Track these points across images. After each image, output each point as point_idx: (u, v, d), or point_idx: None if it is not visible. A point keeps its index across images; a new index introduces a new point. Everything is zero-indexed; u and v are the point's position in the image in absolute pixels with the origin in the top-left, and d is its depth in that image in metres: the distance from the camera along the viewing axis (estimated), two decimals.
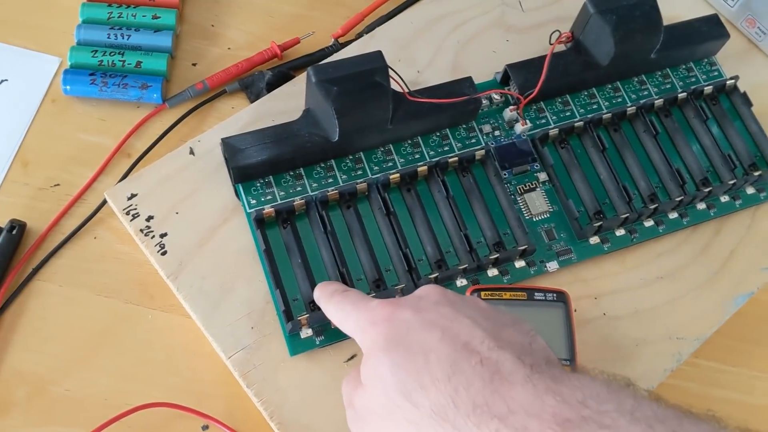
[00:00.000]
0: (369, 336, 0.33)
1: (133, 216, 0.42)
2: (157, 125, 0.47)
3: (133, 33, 0.47)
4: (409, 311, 0.32)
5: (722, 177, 0.46)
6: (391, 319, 0.32)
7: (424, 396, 0.29)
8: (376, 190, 0.43)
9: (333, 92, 0.40)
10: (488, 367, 0.29)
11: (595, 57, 0.47)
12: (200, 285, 0.41)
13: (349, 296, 0.36)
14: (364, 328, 0.33)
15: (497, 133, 0.46)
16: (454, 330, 0.30)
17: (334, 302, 0.36)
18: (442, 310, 0.32)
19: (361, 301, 0.35)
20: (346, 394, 0.35)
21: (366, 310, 0.34)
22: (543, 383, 0.28)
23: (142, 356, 0.41)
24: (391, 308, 0.33)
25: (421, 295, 0.34)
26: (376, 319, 0.33)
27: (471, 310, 0.32)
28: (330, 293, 0.37)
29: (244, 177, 0.42)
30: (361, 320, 0.34)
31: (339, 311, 0.36)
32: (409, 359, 0.30)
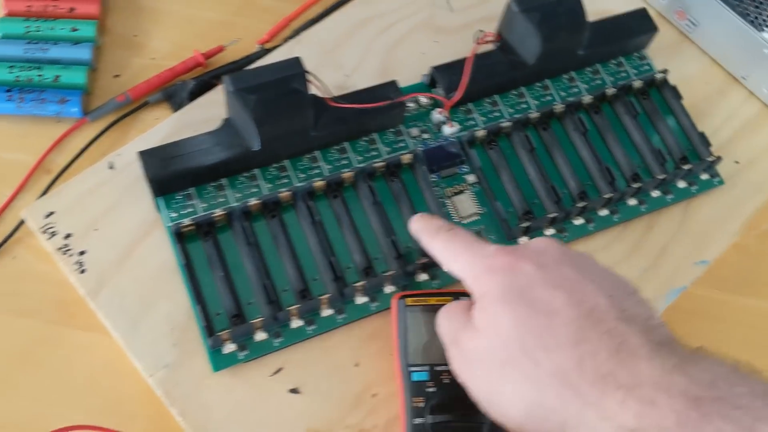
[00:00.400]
0: (484, 282, 0.32)
1: (50, 234, 0.41)
2: (79, 140, 0.46)
3: (52, 46, 0.46)
4: (531, 265, 0.32)
5: (653, 172, 0.46)
6: (511, 270, 0.32)
7: (547, 357, 0.29)
8: (301, 199, 0.42)
9: (250, 101, 0.40)
10: (615, 338, 0.29)
11: (522, 56, 0.46)
12: (120, 302, 0.40)
13: (459, 235, 0.36)
14: (477, 274, 0.33)
15: (426, 136, 0.46)
16: (579, 294, 0.30)
17: (442, 239, 0.36)
18: (566, 271, 0.32)
19: (475, 243, 0.34)
20: (449, 331, 0.34)
21: (482, 255, 0.33)
22: (671, 360, 0.28)
23: (64, 378, 0.40)
24: (511, 258, 0.32)
25: (540, 250, 0.33)
26: (494, 266, 0.32)
27: (593, 273, 0.32)
28: (435, 229, 0.37)
29: (163, 190, 0.41)
30: (476, 265, 0.33)
31: (447, 250, 0.35)
32: (533, 317, 0.30)
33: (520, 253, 0.33)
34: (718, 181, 0.48)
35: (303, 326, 0.40)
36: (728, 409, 0.26)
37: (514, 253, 0.33)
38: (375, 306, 0.41)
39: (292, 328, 0.40)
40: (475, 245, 0.34)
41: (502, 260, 0.32)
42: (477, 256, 0.34)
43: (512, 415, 0.31)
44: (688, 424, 0.26)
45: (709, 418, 0.26)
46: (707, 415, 0.26)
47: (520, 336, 0.30)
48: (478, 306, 0.32)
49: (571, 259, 0.33)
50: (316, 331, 0.40)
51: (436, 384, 0.38)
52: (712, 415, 0.26)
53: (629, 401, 0.27)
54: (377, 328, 0.41)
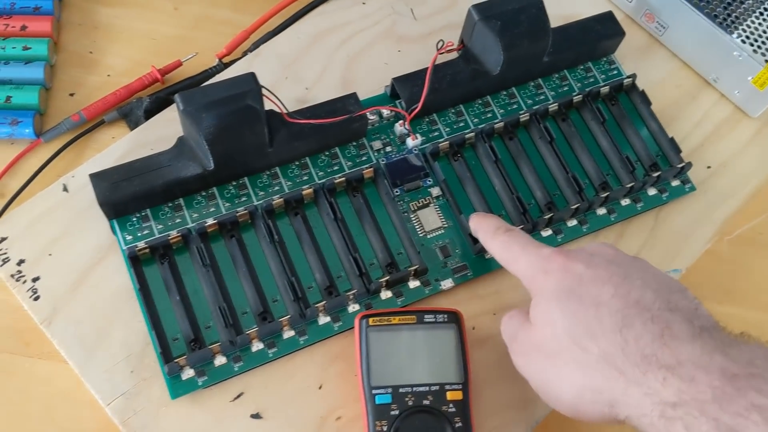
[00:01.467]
0: (540, 282, 0.34)
1: (3, 261, 0.40)
2: (34, 161, 0.45)
3: (2, 66, 0.45)
4: (582, 265, 0.34)
5: (621, 180, 0.45)
6: (564, 270, 0.34)
7: (594, 343, 0.31)
8: (260, 217, 0.41)
9: (202, 120, 0.38)
10: (658, 324, 0.30)
11: (485, 65, 0.45)
12: (75, 330, 0.39)
13: (517, 237, 0.37)
14: (534, 274, 0.35)
15: (389, 149, 0.45)
16: (626, 288, 0.32)
17: (501, 241, 0.38)
18: (614, 269, 0.33)
19: (531, 245, 0.36)
20: (509, 329, 0.36)
21: (538, 257, 0.35)
22: (711, 342, 0.29)
23: (20, 408, 0.40)
24: (564, 259, 0.34)
25: (593, 252, 0.35)
26: (549, 267, 0.34)
27: (642, 271, 0.34)
28: (494, 229, 0.38)
29: (117, 212, 0.40)
30: (533, 265, 0.35)
31: (506, 251, 0.37)
32: (581, 308, 0.32)
33: (574, 255, 0.34)
34: (689, 188, 0.47)
35: (264, 349, 0.39)
36: (762, 383, 0.27)
37: (568, 255, 0.35)
38: (338, 326, 0.40)
39: (253, 352, 0.39)
40: (531, 247, 0.36)
41: (556, 261, 0.34)
42: (534, 257, 0.35)
43: (565, 399, 0.33)
44: (724, 398, 0.27)
45: (744, 392, 0.27)
46: (741, 389, 0.27)
47: (569, 327, 0.32)
48: (533, 303, 0.34)
49: (622, 259, 0.35)
50: (277, 354, 0.39)
51: (399, 407, 0.37)
52: (747, 389, 0.27)
53: (671, 379, 0.29)
54: (341, 349, 0.40)
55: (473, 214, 0.41)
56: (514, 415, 0.40)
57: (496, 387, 0.40)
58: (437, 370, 0.38)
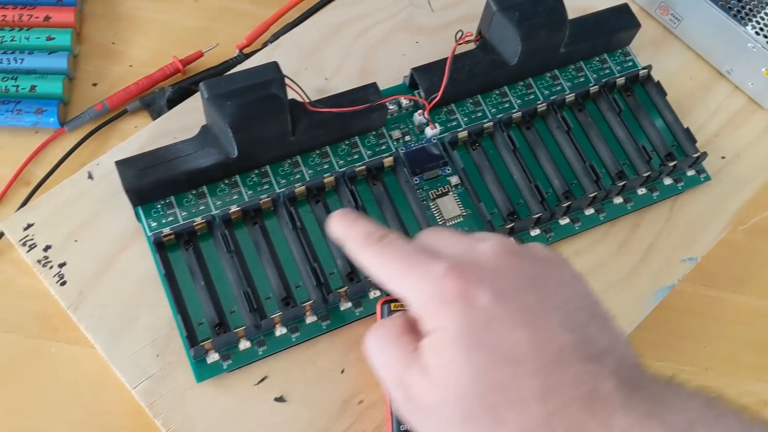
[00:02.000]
0: (436, 316, 0.28)
1: (30, 246, 0.41)
2: (57, 150, 0.45)
3: (27, 56, 0.46)
4: (487, 295, 0.27)
5: (638, 169, 0.46)
6: (464, 301, 0.27)
7: (513, 414, 0.26)
8: (283, 205, 0.42)
9: (226, 107, 0.39)
10: (584, 385, 0.26)
11: (503, 55, 0.46)
12: (101, 314, 0.40)
13: (396, 247, 0.30)
14: (426, 301, 0.28)
15: (408, 139, 0.45)
16: (544, 332, 0.27)
17: (374, 252, 0.31)
18: (526, 300, 0.28)
19: (417, 258, 0.29)
20: (389, 366, 0.29)
21: (428, 278, 0.28)
22: (645, 406, 0.25)
23: (47, 392, 0.40)
24: (463, 283, 0.28)
25: (495, 268, 0.29)
26: (446, 295, 0.28)
27: (557, 295, 0.28)
28: (364, 236, 0.31)
29: (142, 199, 0.41)
30: (422, 290, 0.28)
31: (384, 266, 0.30)
32: (497, 366, 0.26)
33: (475, 274, 0.28)
34: (704, 177, 0.47)
35: (287, 334, 0.40)
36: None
37: (466, 275, 0.28)
38: (359, 312, 0.41)
39: (276, 336, 0.39)
40: (417, 260, 0.29)
41: (453, 286, 0.28)
42: (423, 278, 0.29)
43: None
44: None
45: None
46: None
47: (482, 390, 0.26)
48: (430, 344, 0.28)
49: (531, 280, 0.29)
50: (300, 339, 0.40)
51: None
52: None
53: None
54: (362, 334, 0.40)
55: (335, 213, 0.34)
56: None
57: None
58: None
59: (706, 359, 0.46)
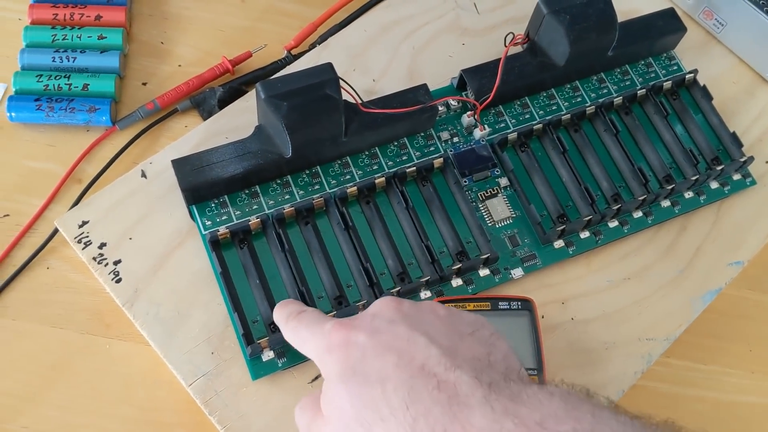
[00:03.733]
0: (326, 364, 0.31)
1: (85, 244, 0.41)
2: (108, 148, 0.46)
3: (79, 55, 0.46)
4: (363, 334, 0.31)
5: (685, 173, 0.46)
6: (345, 345, 0.31)
7: (384, 428, 0.28)
8: (334, 205, 0.42)
9: (283, 108, 0.39)
10: (445, 391, 0.28)
11: (552, 57, 0.46)
12: (156, 311, 0.40)
13: (304, 319, 0.35)
14: (320, 355, 0.32)
15: (456, 140, 0.46)
16: (410, 352, 0.30)
17: (290, 327, 0.35)
18: (397, 330, 0.31)
19: (316, 323, 0.34)
20: (303, 423, 0.33)
21: (321, 335, 0.32)
22: (501, 404, 0.27)
23: (101, 387, 0.40)
24: (344, 332, 0.31)
25: (374, 313, 0.32)
26: (332, 345, 0.31)
27: (427, 324, 0.31)
28: (285, 316, 0.36)
29: (197, 198, 0.41)
30: (318, 347, 0.32)
31: (295, 336, 0.35)
32: (367, 389, 0.29)
33: (355, 324, 0.32)
34: (750, 182, 0.47)
35: None
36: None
37: (348, 325, 0.32)
38: None
39: None
40: (315, 326, 0.33)
41: (336, 336, 0.31)
42: (317, 336, 0.33)
43: None
44: None
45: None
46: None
47: (358, 413, 0.29)
48: (323, 389, 0.32)
49: (404, 315, 0.32)
50: None
51: None
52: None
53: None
54: None
55: (278, 304, 0.37)
56: None
57: (566, 373, 0.41)
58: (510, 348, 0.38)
59: (752, 362, 0.46)
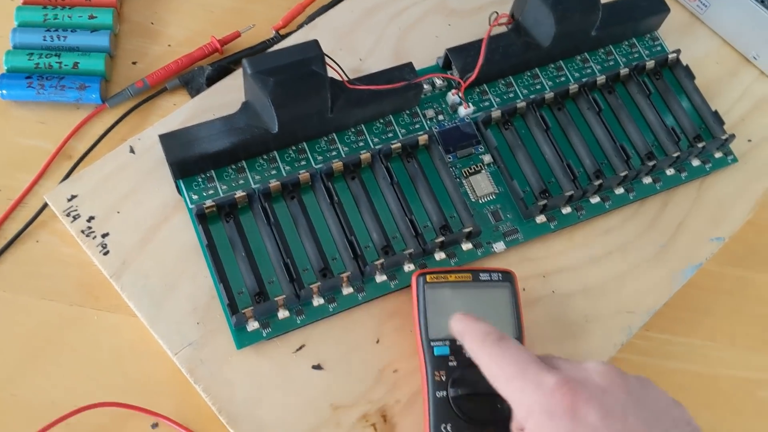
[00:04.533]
0: (539, 427, 0.29)
1: (74, 217, 0.42)
2: (98, 126, 0.46)
3: (70, 34, 0.47)
4: (595, 413, 0.29)
5: (667, 150, 0.46)
6: (572, 417, 0.29)
7: None
8: (320, 180, 0.43)
9: (269, 83, 0.40)
10: None
11: (536, 37, 0.47)
12: (144, 283, 0.41)
13: (511, 351, 0.32)
14: (532, 410, 0.30)
15: (441, 118, 0.46)
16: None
17: (490, 352, 0.33)
18: (631, 423, 0.29)
19: (530, 367, 0.31)
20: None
21: (539, 389, 0.30)
22: None
23: (89, 357, 0.41)
24: (571, 398, 0.29)
25: (604, 388, 0.30)
26: (554, 408, 0.29)
27: (662, 421, 0.30)
28: (482, 336, 0.33)
29: (184, 172, 0.42)
30: (532, 399, 0.30)
31: (496, 367, 0.32)
32: None
33: (583, 392, 0.29)
34: (731, 159, 0.48)
35: (324, 304, 0.41)
36: None
37: (576, 391, 0.29)
38: (394, 284, 0.42)
39: (314, 306, 0.40)
40: (530, 372, 0.31)
41: (563, 400, 0.29)
42: (533, 387, 0.30)
43: None
44: None
45: None
46: None
47: None
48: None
49: (636, 400, 0.30)
50: (337, 309, 0.41)
51: (456, 358, 0.38)
52: None
53: None
54: (397, 306, 0.42)
55: (456, 315, 0.36)
56: None
57: (546, 345, 0.42)
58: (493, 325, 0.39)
59: (731, 336, 0.46)
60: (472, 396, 0.37)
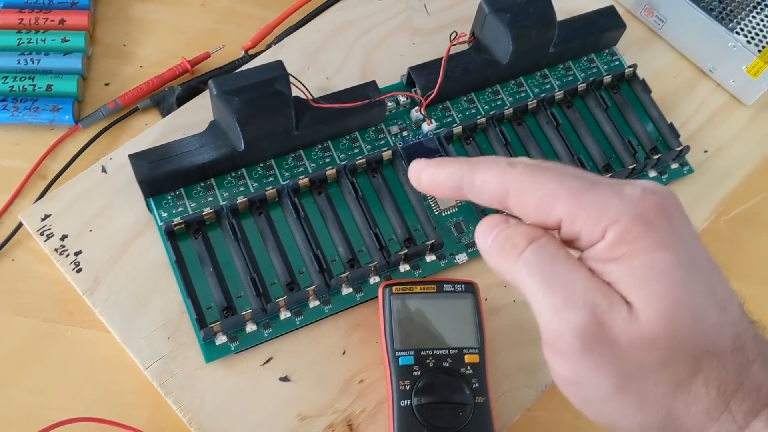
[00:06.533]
0: (635, 239, 0.25)
1: (47, 236, 0.43)
2: (72, 146, 0.48)
3: (43, 57, 0.48)
4: (685, 218, 0.26)
5: (624, 162, 0.48)
6: (670, 222, 0.25)
7: (709, 364, 0.25)
8: (287, 195, 0.44)
9: (234, 103, 0.41)
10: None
11: (495, 55, 0.48)
12: (116, 299, 0.42)
13: (551, 167, 0.27)
14: (618, 218, 0.25)
15: (405, 134, 0.48)
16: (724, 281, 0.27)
17: (531, 171, 0.27)
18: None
19: (596, 178, 0.27)
20: (579, 301, 0.25)
21: (623, 196, 0.26)
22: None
23: (64, 372, 0.42)
24: (663, 203, 0.26)
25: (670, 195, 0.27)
26: (647, 214, 0.25)
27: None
28: (502, 165, 0.28)
29: (153, 191, 0.43)
30: (616, 207, 0.25)
31: (554, 185, 0.27)
32: (710, 313, 0.25)
33: (670, 198, 0.26)
34: (687, 170, 0.50)
35: (291, 317, 0.42)
36: None
37: (665, 196, 0.26)
38: (360, 296, 0.43)
39: (281, 320, 0.42)
40: (600, 181, 0.27)
41: (656, 206, 0.25)
42: (613, 194, 0.26)
43: None
44: None
45: None
46: None
47: (693, 336, 0.25)
48: (633, 273, 0.25)
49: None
50: (303, 322, 0.42)
51: (421, 368, 0.39)
52: None
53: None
54: (362, 318, 0.43)
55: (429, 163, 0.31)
56: (525, 379, 0.43)
57: (508, 352, 0.43)
58: (456, 335, 0.40)
59: None
60: (434, 404, 0.38)
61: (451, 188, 0.30)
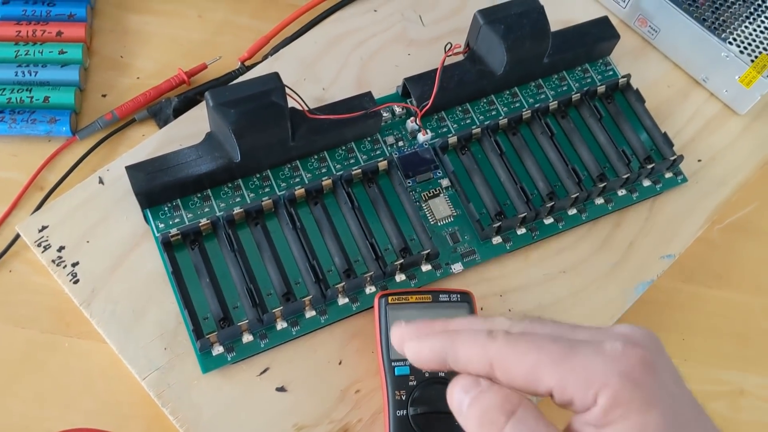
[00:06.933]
0: (621, 394, 0.25)
1: (44, 247, 0.43)
2: (69, 157, 0.48)
3: (41, 69, 0.49)
4: (669, 363, 0.27)
5: (618, 172, 0.48)
6: (656, 376, 0.26)
7: None
8: (283, 206, 0.44)
9: (230, 115, 0.42)
10: None
11: (489, 65, 0.49)
12: (113, 310, 0.42)
13: (527, 338, 0.28)
14: (606, 380, 0.26)
15: (401, 144, 0.48)
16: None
17: (512, 339, 0.28)
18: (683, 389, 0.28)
19: (572, 341, 0.27)
20: None
21: (605, 355, 0.26)
22: None
23: (61, 383, 0.42)
24: (644, 355, 0.26)
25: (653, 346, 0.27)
26: (632, 371, 0.26)
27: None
28: (481, 336, 0.28)
29: (150, 202, 0.43)
30: (601, 369, 0.26)
31: (533, 350, 0.27)
32: None
33: (649, 347, 0.27)
34: (681, 179, 0.50)
35: (288, 328, 0.42)
36: None
37: (645, 347, 0.27)
38: (356, 306, 0.43)
39: (278, 330, 0.42)
40: (577, 345, 0.27)
41: (641, 361, 0.26)
42: (595, 356, 0.26)
43: None
44: None
45: None
46: None
47: None
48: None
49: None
50: (300, 332, 0.42)
51: (416, 378, 0.40)
52: None
53: None
54: (358, 328, 0.43)
55: (405, 328, 0.31)
56: None
57: None
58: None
59: (685, 351, 0.48)
60: (430, 414, 0.39)
61: (437, 363, 0.29)
